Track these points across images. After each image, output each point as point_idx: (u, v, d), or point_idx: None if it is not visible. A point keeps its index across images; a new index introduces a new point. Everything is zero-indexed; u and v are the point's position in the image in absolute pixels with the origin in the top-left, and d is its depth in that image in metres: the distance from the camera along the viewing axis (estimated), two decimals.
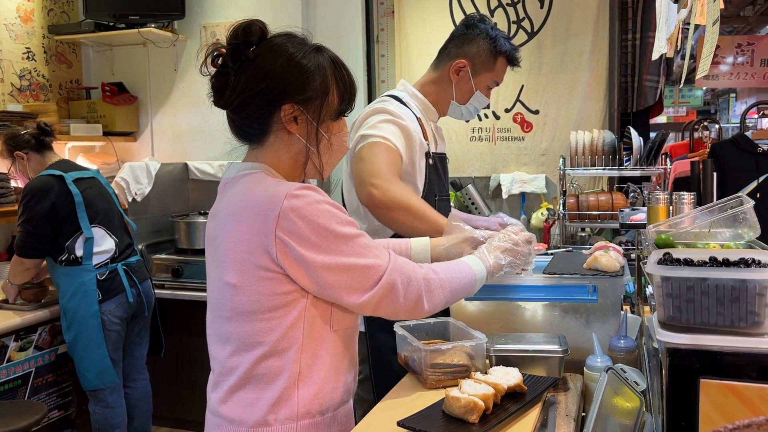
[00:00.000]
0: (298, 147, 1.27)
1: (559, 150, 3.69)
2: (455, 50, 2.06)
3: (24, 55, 3.78)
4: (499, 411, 1.29)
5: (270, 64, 1.22)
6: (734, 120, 8.60)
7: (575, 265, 1.75)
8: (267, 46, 1.24)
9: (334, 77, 1.27)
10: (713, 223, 1.32)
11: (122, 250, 2.99)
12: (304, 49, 1.25)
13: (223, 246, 1.24)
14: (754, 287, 0.88)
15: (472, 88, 2.05)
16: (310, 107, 1.25)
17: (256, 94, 1.22)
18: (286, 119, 1.24)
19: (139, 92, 4.20)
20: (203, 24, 4.00)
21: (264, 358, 1.21)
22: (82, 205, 2.85)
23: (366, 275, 1.20)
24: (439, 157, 2.10)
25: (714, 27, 1.31)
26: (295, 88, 1.23)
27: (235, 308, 1.22)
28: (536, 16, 3.72)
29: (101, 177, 3.09)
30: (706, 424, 0.86)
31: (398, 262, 1.25)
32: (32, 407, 2.70)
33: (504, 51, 2.04)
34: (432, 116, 2.12)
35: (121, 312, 2.92)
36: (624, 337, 1.57)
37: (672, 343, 0.89)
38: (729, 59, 5.10)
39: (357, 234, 1.22)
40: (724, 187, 2.74)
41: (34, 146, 2.94)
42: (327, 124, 1.28)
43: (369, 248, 1.22)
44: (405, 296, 1.23)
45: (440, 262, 1.39)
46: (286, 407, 1.21)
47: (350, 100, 1.31)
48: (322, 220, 1.17)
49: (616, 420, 1.29)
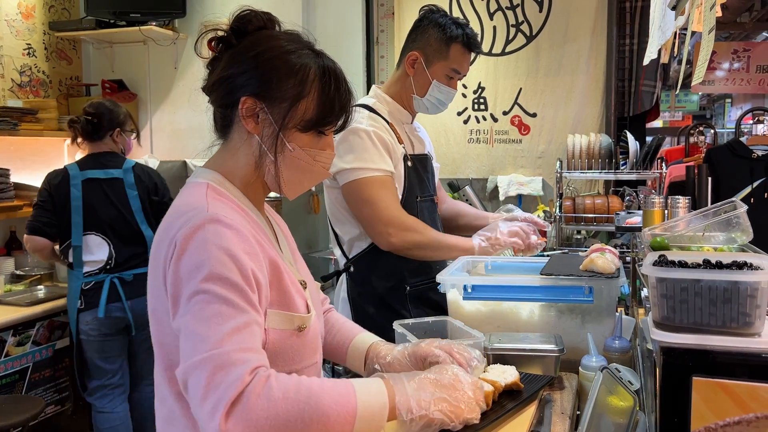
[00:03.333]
0: (256, 150, 1.13)
1: (556, 153, 3.72)
2: (409, 44, 2.06)
3: (24, 51, 3.79)
4: (497, 408, 1.31)
5: (247, 52, 1.12)
6: (729, 125, 8.64)
7: (571, 266, 1.77)
8: (256, 36, 1.15)
9: (319, 85, 1.12)
10: (707, 227, 1.35)
11: (121, 262, 2.88)
12: (292, 47, 1.13)
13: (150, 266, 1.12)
14: (746, 289, 0.91)
15: (429, 79, 2.02)
16: (274, 108, 1.10)
17: (223, 79, 1.13)
18: (245, 114, 1.11)
19: (139, 90, 4.22)
20: (204, 22, 4.00)
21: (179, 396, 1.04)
22: (79, 210, 2.82)
23: (192, 344, 0.92)
24: (419, 159, 2.09)
25: (710, 35, 1.34)
26: (261, 83, 1.10)
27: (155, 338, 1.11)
28: (535, 20, 3.76)
29: (130, 177, 2.92)
30: (698, 421, 0.88)
31: (237, 356, 0.91)
32: (29, 402, 2.72)
33: (454, 36, 1.99)
34: (404, 118, 2.11)
35: (97, 325, 2.84)
36: (619, 338, 1.59)
37: (666, 342, 0.92)
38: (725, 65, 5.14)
39: (225, 299, 0.95)
40: (719, 191, 2.78)
41: (85, 132, 2.92)
42: (292, 133, 1.12)
43: (222, 321, 0.93)
44: (203, 398, 0.88)
45: (314, 380, 0.96)
46: None
47: (330, 116, 1.14)
48: (196, 264, 0.97)
49: (610, 418, 1.32)
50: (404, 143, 2.03)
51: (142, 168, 3.02)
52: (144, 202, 2.93)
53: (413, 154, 2.06)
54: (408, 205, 2.00)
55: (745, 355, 0.88)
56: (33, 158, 3.81)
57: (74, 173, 2.86)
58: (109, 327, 2.86)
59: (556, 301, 1.70)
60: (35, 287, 3.34)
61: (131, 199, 2.91)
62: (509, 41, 3.79)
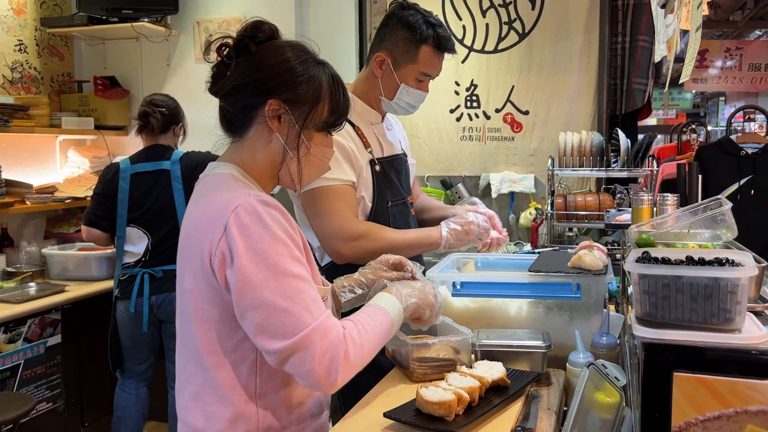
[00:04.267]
0: (276, 147, 1.25)
1: (548, 150, 3.72)
2: (377, 43, 1.92)
3: (16, 48, 3.78)
4: (483, 403, 1.32)
5: (268, 60, 1.24)
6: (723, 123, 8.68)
7: (560, 263, 1.78)
8: (271, 45, 1.26)
9: (330, 91, 1.27)
10: (693, 224, 1.36)
11: (156, 256, 2.90)
12: (305, 56, 1.27)
13: (182, 249, 1.23)
14: (726, 285, 0.92)
15: (397, 82, 1.89)
16: (296, 110, 1.24)
17: (247, 83, 1.23)
18: (270, 115, 1.23)
19: (132, 86, 4.20)
20: (196, 19, 4.01)
21: (218, 368, 1.18)
22: (125, 203, 2.90)
23: (284, 322, 1.09)
24: (389, 161, 1.97)
25: (697, 33, 1.35)
26: (286, 87, 1.23)
27: (192, 315, 1.20)
28: (528, 18, 3.76)
29: (177, 169, 2.91)
30: (679, 416, 0.89)
31: (327, 323, 1.12)
32: (21, 399, 2.70)
33: (424, 38, 1.84)
34: (372, 118, 1.98)
35: (128, 316, 2.91)
36: (606, 334, 1.60)
37: (648, 338, 0.93)
38: (718, 63, 5.16)
39: (296, 275, 1.13)
40: (707, 189, 2.79)
41: (142, 126, 2.98)
42: (310, 132, 1.26)
43: (302, 295, 1.12)
44: (320, 362, 1.09)
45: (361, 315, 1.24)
46: (246, 423, 1.18)
47: (340, 117, 1.30)
48: (262, 245, 1.11)
49: (597, 414, 1.33)
50: (371, 147, 1.92)
51: (191, 157, 2.97)
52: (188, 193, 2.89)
53: (382, 158, 1.95)
54: (378, 211, 1.92)
55: (726, 351, 0.89)
56: (24, 155, 3.79)
57: (125, 167, 2.93)
58: (137, 320, 2.92)
59: (544, 298, 1.71)
60: (27, 284, 3.32)
61: (175, 192, 2.90)
62: (502, 39, 3.80)
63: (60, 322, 3.17)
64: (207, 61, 1.28)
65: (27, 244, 3.63)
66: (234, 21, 3.92)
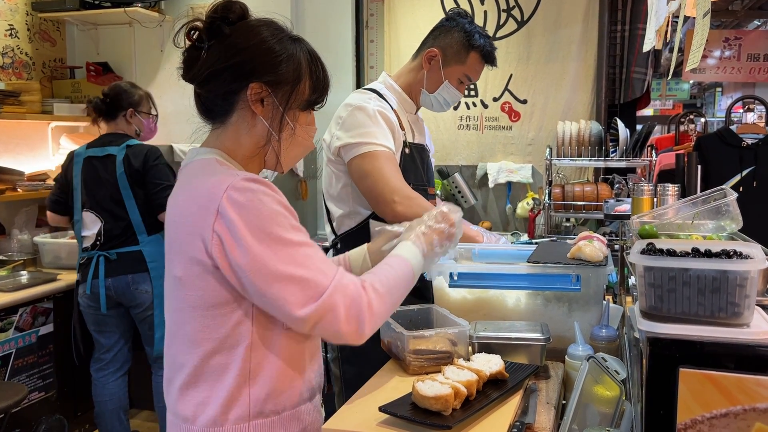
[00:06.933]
0: (260, 131, 1.23)
1: (546, 140, 3.69)
2: (431, 40, 2.12)
3: (7, 32, 3.71)
4: (481, 397, 1.29)
5: (244, 42, 1.20)
6: (720, 114, 8.66)
7: (559, 254, 1.76)
8: (244, 26, 1.22)
9: (309, 68, 1.25)
10: (696, 215, 1.33)
11: (109, 239, 2.90)
12: (281, 35, 1.23)
13: (169, 237, 1.21)
14: (735, 278, 0.89)
15: (442, 78, 2.09)
16: (278, 91, 1.21)
17: (225, 68, 1.19)
18: (253, 99, 1.20)
19: (125, 73, 4.15)
20: (190, 5, 3.94)
21: (211, 354, 1.17)
22: (78, 187, 2.93)
23: (304, 289, 1.10)
24: (417, 148, 2.13)
25: (704, 19, 1.32)
26: (267, 69, 1.20)
27: (182, 303, 1.18)
28: (526, 6, 3.72)
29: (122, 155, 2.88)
30: (684, 413, 0.86)
31: (344, 280, 1.13)
32: (12, 388, 2.68)
33: (476, 46, 2.06)
34: (409, 108, 2.16)
35: (87, 299, 2.92)
36: (606, 326, 1.58)
37: (653, 333, 0.90)
38: (716, 53, 5.13)
39: (301, 242, 1.13)
40: (708, 179, 2.76)
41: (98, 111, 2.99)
42: (294, 113, 1.24)
43: (312, 260, 1.12)
44: (347, 319, 1.11)
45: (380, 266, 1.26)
46: (238, 407, 1.17)
47: (321, 94, 1.29)
48: (261, 221, 1.10)
49: (596, 408, 1.31)
50: (405, 131, 2.08)
51: (138, 147, 2.95)
52: (131, 179, 2.89)
53: (412, 143, 2.11)
54: None
55: (734, 346, 0.86)
56: (15, 142, 3.74)
57: (79, 152, 2.97)
58: (95, 302, 2.91)
59: (542, 289, 1.69)
60: (18, 272, 3.29)
61: (119, 177, 2.89)
62: (500, 26, 3.75)
63: (52, 311, 3.14)
64: (176, 46, 1.23)
65: (19, 232, 3.59)
66: None
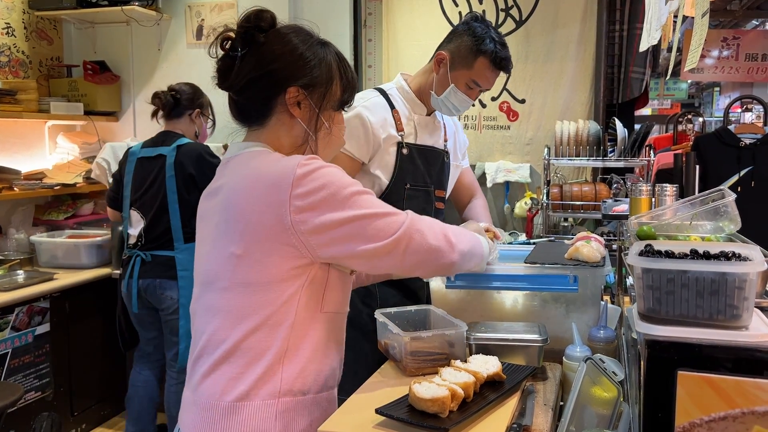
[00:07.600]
0: (298, 132, 1.32)
1: (544, 139, 3.69)
2: (444, 43, 2.10)
3: (3, 31, 3.70)
4: (478, 399, 1.29)
5: (278, 49, 1.28)
6: (717, 114, 8.66)
7: (556, 254, 1.75)
8: (276, 33, 1.29)
9: (339, 70, 1.34)
10: (695, 216, 1.33)
11: (150, 240, 2.88)
12: (310, 40, 1.32)
13: (230, 219, 1.25)
14: (734, 280, 0.88)
15: (448, 82, 2.06)
16: (314, 94, 1.30)
17: (262, 75, 1.27)
18: (290, 102, 1.28)
19: (122, 71, 4.13)
20: (188, 3, 3.93)
21: (254, 331, 1.23)
22: (128, 185, 2.95)
23: (387, 221, 1.24)
24: (420, 149, 2.11)
25: (703, 19, 1.31)
26: (301, 74, 1.28)
27: (235, 279, 1.24)
28: (525, 5, 3.71)
29: (172, 157, 2.83)
30: (683, 416, 0.86)
31: (415, 214, 1.30)
32: (8, 388, 2.67)
33: (485, 51, 2.00)
34: (418, 110, 2.14)
35: (124, 296, 2.98)
36: (603, 327, 1.57)
37: (651, 335, 0.89)
38: (714, 53, 5.12)
39: (366, 191, 1.27)
40: (706, 180, 2.76)
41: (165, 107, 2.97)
42: (328, 113, 1.33)
43: (381, 202, 1.28)
44: (434, 236, 1.29)
45: None
46: (270, 383, 1.23)
47: (352, 94, 1.38)
48: (334, 180, 1.21)
49: (594, 409, 1.30)
50: (404, 131, 2.07)
51: (188, 146, 2.88)
52: (181, 183, 2.83)
53: (415, 144, 2.09)
54: (394, 190, 2.04)
55: (732, 349, 0.86)
56: (12, 140, 3.73)
57: (134, 150, 2.98)
58: (129, 300, 2.94)
59: (540, 290, 1.68)
60: (15, 272, 3.28)
61: (167, 180, 2.84)
62: (498, 26, 3.74)
63: (48, 310, 3.13)
64: (211, 56, 1.30)
65: (15, 231, 3.58)
66: (226, 5, 3.86)
